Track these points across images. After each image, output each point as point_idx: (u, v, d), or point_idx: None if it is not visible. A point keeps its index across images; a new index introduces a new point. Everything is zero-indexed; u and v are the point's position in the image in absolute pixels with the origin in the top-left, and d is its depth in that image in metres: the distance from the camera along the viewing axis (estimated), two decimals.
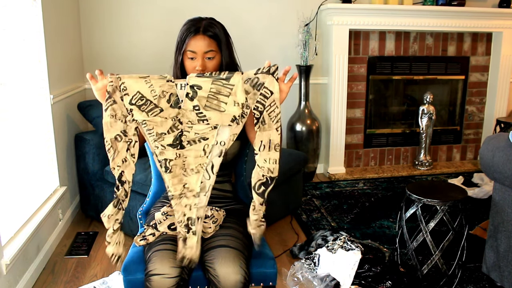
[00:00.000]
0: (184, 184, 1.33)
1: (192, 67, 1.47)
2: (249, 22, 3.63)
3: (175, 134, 1.31)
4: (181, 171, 1.33)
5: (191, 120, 1.31)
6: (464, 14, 3.79)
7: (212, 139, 1.32)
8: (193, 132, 1.32)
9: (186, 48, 1.46)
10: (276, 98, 1.29)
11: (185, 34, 1.46)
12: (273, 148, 1.32)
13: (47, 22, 2.52)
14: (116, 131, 1.29)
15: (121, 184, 1.32)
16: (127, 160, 1.32)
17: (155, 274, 1.33)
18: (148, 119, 1.29)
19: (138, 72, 3.61)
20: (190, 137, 1.32)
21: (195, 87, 1.29)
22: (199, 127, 1.31)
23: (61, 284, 2.21)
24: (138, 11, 3.43)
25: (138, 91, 1.28)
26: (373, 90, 4.02)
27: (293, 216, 3.02)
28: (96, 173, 2.77)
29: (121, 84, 1.28)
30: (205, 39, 1.45)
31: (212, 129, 1.32)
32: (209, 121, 1.31)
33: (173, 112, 1.31)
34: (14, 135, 2.22)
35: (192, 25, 1.47)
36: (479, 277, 2.22)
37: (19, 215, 2.18)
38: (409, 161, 4.20)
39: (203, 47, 1.45)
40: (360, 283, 2.10)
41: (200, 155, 1.32)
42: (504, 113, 4.15)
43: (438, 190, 2.20)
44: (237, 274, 1.35)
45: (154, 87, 1.28)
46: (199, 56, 1.46)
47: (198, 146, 1.32)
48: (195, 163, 1.32)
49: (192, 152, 1.32)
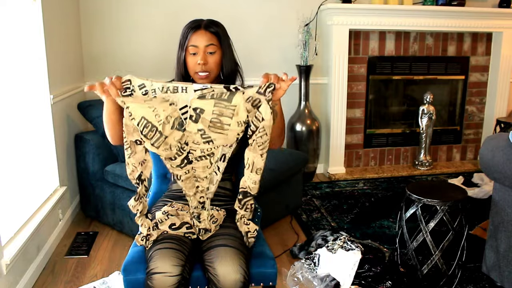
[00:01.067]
0: (197, 186, 1.42)
1: (194, 62, 1.50)
2: (249, 22, 3.63)
3: (182, 157, 1.37)
4: (192, 180, 1.41)
5: (196, 141, 1.35)
6: (464, 14, 3.79)
7: (217, 154, 1.38)
8: (199, 151, 1.36)
9: (188, 43, 1.50)
10: (266, 125, 1.31)
11: (187, 31, 1.51)
12: (255, 171, 1.36)
13: (47, 22, 2.52)
14: (137, 137, 1.33)
15: (140, 182, 1.39)
16: (145, 162, 1.37)
17: (157, 272, 1.33)
18: (156, 151, 1.33)
19: (137, 72, 3.61)
20: (196, 154, 1.37)
21: (198, 109, 1.31)
22: (204, 146, 1.36)
23: (61, 284, 2.21)
24: (138, 11, 3.43)
25: (143, 117, 1.29)
26: (373, 90, 4.02)
27: (293, 216, 3.02)
28: (96, 173, 2.77)
29: (126, 108, 1.30)
30: (206, 34, 1.50)
31: (217, 148, 1.37)
32: (214, 142, 1.35)
33: (178, 135, 1.33)
34: (14, 135, 2.22)
35: (194, 22, 1.52)
36: (479, 277, 2.22)
37: (19, 215, 2.18)
38: (409, 161, 4.20)
39: (204, 41, 1.49)
40: (360, 283, 2.10)
41: (208, 166, 1.39)
42: (504, 113, 4.15)
43: (438, 190, 2.20)
44: (236, 273, 1.35)
45: (158, 111, 1.29)
46: (200, 51, 1.50)
47: (205, 160, 1.38)
48: (204, 173, 1.40)
49: (200, 165, 1.39)
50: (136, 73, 3.17)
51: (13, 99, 2.24)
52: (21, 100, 2.34)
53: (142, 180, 1.39)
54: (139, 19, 3.45)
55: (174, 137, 1.33)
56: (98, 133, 2.81)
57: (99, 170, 2.76)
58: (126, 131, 1.32)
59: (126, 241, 2.64)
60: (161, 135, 1.31)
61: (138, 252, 1.54)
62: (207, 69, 1.51)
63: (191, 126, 1.33)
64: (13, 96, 2.24)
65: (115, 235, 2.74)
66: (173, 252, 1.38)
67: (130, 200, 1.42)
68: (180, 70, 1.55)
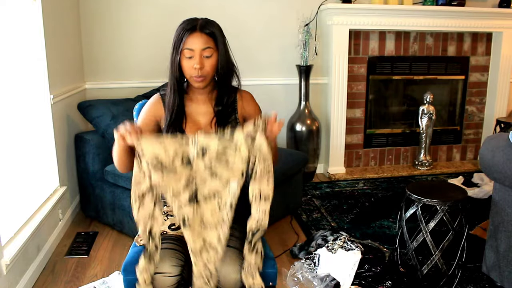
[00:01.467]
0: (204, 238, 1.34)
1: (190, 66, 1.45)
2: (249, 22, 3.63)
3: (190, 192, 1.34)
4: (200, 226, 1.35)
5: (204, 177, 1.34)
6: (464, 14, 3.79)
7: (225, 196, 1.34)
8: (207, 189, 1.34)
9: (183, 46, 1.44)
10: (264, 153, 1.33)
11: (182, 32, 1.44)
12: (263, 198, 1.34)
13: (47, 22, 2.52)
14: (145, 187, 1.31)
15: (151, 238, 1.32)
16: (155, 216, 1.33)
17: (156, 272, 1.33)
18: (163, 181, 1.30)
19: (137, 72, 3.60)
20: (204, 193, 1.35)
21: (204, 148, 1.32)
22: (211, 183, 1.34)
23: (61, 284, 2.21)
24: (138, 11, 3.43)
25: (153, 153, 1.30)
26: (373, 90, 4.02)
27: (293, 216, 3.02)
28: (96, 173, 2.77)
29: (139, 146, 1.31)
30: (202, 36, 1.43)
31: (225, 186, 1.34)
32: (221, 177, 1.34)
33: (186, 171, 1.33)
34: (14, 135, 2.22)
35: (189, 23, 1.45)
36: (479, 277, 2.22)
37: (19, 215, 2.18)
38: (409, 161, 4.20)
39: (201, 44, 1.43)
40: (360, 283, 2.10)
41: (216, 211, 1.35)
42: (504, 113, 4.15)
43: (438, 190, 2.20)
44: (237, 273, 1.35)
45: (167, 147, 1.31)
46: (196, 54, 1.44)
47: (213, 203, 1.35)
48: (213, 219, 1.34)
49: (209, 208, 1.35)
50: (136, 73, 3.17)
51: (13, 99, 2.24)
52: (21, 100, 2.34)
53: (152, 236, 1.32)
54: (139, 19, 3.45)
55: (184, 172, 1.33)
56: (98, 133, 2.81)
57: (99, 170, 2.76)
58: (134, 181, 1.31)
59: (126, 241, 2.64)
60: (170, 167, 1.32)
61: (138, 252, 1.54)
62: (203, 73, 1.46)
63: (199, 163, 1.33)
64: (13, 96, 2.24)
65: (115, 235, 2.74)
66: (173, 253, 1.38)
67: (139, 262, 1.32)
68: (174, 73, 1.48)
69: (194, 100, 1.56)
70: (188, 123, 1.52)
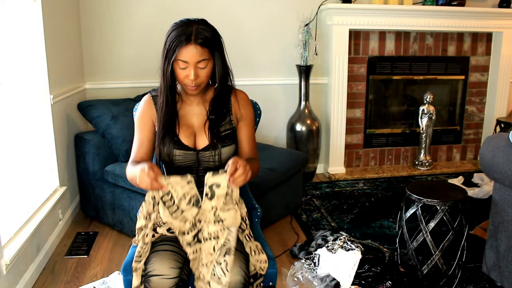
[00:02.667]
0: (199, 272, 1.40)
1: (184, 76, 1.41)
2: (249, 22, 3.63)
3: (193, 234, 1.38)
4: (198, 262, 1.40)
5: (208, 220, 1.36)
6: (464, 14, 3.79)
7: (221, 239, 1.36)
8: (206, 232, 1.37)
9: (177, 57, 1.39)
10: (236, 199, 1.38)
11: (175, 43, 1.36)
12: (259, 251, 1.44)
13: (47, 22, 2.52)
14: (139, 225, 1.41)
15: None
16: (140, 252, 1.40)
17: (154, 274, 1.33)
18: (170, 220, 1.35)
19: (137, 71, 3.60)
20: (204, 235, 1.38)
21: (214, 186, 1.33)
22: (212, 228, 1.36)
23: (61, 284, 2.21)
24: (138, 11, 3.43)
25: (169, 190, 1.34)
26: (373, 90, 4.02)
27: (293, 216, 3.02)
28: (96, 173, 2.77)
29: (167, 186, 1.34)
30: (197, 48, 1.36)
31: (223, 230, 1.36)
32: (224, 222, 1.35)
33: (194, 211, 1.36)
34: (14, 135, 2.22)
35: (182, 32, 1.36)
36: (479, 277, 2.22)
37: (19, 215, 2.18)
38: (409, 161, 4.20)
39: (196, 57, 1.37)
40: (360, 283, 2.10)
41: (210, 253, 1.37)
42: (504, 113, 4.15)
43: (438, 190, 2.20)
44: (237, 274, 1.35)
45: (175, 188, 1.33)
46: (191, 66, 1.38)
47: (209, 243, 1.37)
48: (207, 259, 1.38)
49: (206, 247, 1.38)
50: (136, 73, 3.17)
51: (13, 99, 2.24)
52: (21, 100, 2.34)
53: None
54: (139, 19, 3.44)
55: (191, 213, 1.36)
56: (98, 133, 2.80)
57: (99, 170, 2.75)
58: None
59: (126, 241, 2.64)
60: (178, 208, 1.35)
61: None
62: (198, 82, 1.42)
63: (206, 203, 1.35)
64: (13, 96, 2.24)
65: (115, 235, 2.74)
66: (171, 255, 1.38)
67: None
68: (166, 83, 1.44)
69: (187, 101, 1.54)
70: (182, 126, 1.49)
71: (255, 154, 1.59)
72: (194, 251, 1.39)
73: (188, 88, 1.45)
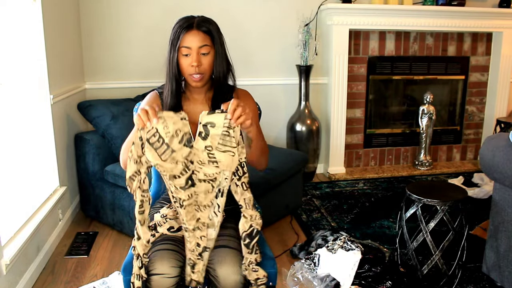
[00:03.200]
0: (198, 218, 1.35)
1: (187, 64, 1.45)
2: (249, 22, 3.63)
3: (186, 176, 1.31)
4: (194, 208, 1.35)
5: (202, 160, 1.30)
6: (464, 14, 3.79)
7: (219, 179, 1.32)
8: (202, 174, 1.31)
9: (180, 44, 1.44)
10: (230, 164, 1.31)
11: (179, 30, 1.44)
12: (252, 206, 1.35)
13: (47, 22, 2.52)
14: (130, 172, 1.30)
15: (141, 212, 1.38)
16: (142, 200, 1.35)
17: (155, 274, 1.33)
18: (159, 163, 1.28)
19: (137, 71, 3.60)
20: (199, 177, 1.32)
21: (209, 125, 1.27)
22: (208, 170, 1.30)
23: (61, 284, 2.20)
24: (138, 11, 3.43)
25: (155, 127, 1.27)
26: (373, 90, 4.02)
27: (293, 216, 3.02)
28: (96, 173, 2.77)
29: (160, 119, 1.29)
30: (199, 34, 1.43)
31: (219, 173, 1.31)
32: (218, 164, 1.29)
33: (185, 151, 1.29)
34: (14, 135, 2.22)
35: (185, 21, 1.45)
36: (479, 277, 2.22)
37: (19, 215, 2.18)
38: (409, 161, 4.20)
39: (198, 42, 1.43)
40: (360, 283, 2.10)
41: (209, 191, 1.33)
42: (504, 113, 4.15)
43: (438, 190, 2.20)
44: (237, 274, 1.35)
45: (167, 123, 1.27)
46: (193, 52, 1.44)
47: (206, 185, 1.33)
48: (206, 199, 1.34)
49: (203, 189, 1.33)
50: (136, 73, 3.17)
51: (13, 99, 2.24)
52: (21, 100, 2.34)
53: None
54: (139, 19, 3.44)
55: (182, 154, 1.29)
56: (98, 133, 2.80)
57: (99, 170, 2.75)
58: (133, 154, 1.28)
59: (126, 241, 2.64)
60: (168, 147, 1.28)
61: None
62: (201, 70, 1.45)
63: (199, 143, 1.29)
64: (13, 96, 2.24)
65: (115, 235, 2.74)
66: (172, 254, 1.38)
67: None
68: (173, 70, 1.48)
69: (191, 100, 1.56)
70: None
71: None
72: (188, 195, 1.32)
73: (192, 78, 1.47)
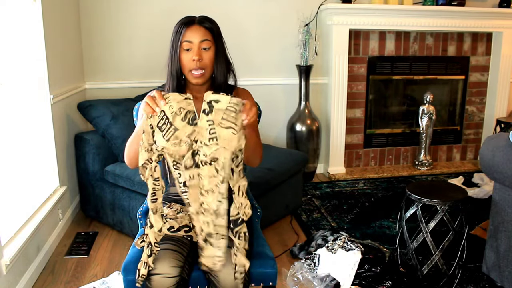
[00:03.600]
0: (201, 203, 1.31)
1: (189, 59, 1.46)
2: (249, 22, 3.63)
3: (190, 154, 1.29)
4: (197, 191, 1.31)
5: (204, 138, 1.27)
6: (464, 14, 3.79)
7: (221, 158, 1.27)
8: (202, 154, 1.28)
9: (182, 39, 1.46)
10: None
11: (181, 27, 1.48)
12: (245, 194, 1.32)
13: (47, 22, 2.52)
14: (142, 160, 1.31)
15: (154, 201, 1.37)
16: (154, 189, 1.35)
17: (155, 273, 1.33)
18: (166, 145, 1.27)
19: (137, 71, 3.60)
20: (201, 158, 1.29)
21: (213, 101, 1.26)
22: (207, 150, 1.27)
23: (61, 284, 2.20)
24: (138, 11, 3.43)
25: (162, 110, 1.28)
26: (373, 90, 4.02)
27: (293, 216, 3.02)
28: (96, 173, 2.77)
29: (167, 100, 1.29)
30: (200, 29, 1.47)
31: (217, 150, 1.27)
32: (218, 140, 1.25)
33: (189, 130, 1.28)
34: (14, 135, 2.22)
35: (187, 18, 1.50)
36: (479, 277, 2.22)
37: (19, 215, 2.18)
38: (409, 161, 4.20)
39: (199, 36, 1.46)
40: (360, 283, 2.10)
41: (214, 175, 1.29)
42: (504, 113, 4.15)
43: (438, 190, 2.20)
44: (237, 274, 1.35)
45: (172, 102, 1.27)
46: (195, 46, 1.46)
47: (211, 167, 1.29)
48: (210, 183, 1.29)
49: (206, 173, 1.29)
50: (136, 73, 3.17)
51: (13, 99, 2.24)
52: (21, 100, 2.34)
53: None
54: (139, 19, 3.44)
55: (185, 132, 1.27)
56: (98, 133, 2.80)
57: (99, 170, 2.75)
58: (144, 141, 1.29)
59: (126, 241, 2.64)
60: (171, 125, 1.27)
61: (138, 252, 1.54)
62: (202, 65, 1.47)
63: (203, 120, 1.26)
64: (13, 96, 2.24)
65: (115, 235, 2.74)
66: (172, 253, 1.38)
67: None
68: (175, 67, 1.49)
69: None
70: None
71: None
72: (191, 175, 1.29)
73: (193, 74, 1.48)
